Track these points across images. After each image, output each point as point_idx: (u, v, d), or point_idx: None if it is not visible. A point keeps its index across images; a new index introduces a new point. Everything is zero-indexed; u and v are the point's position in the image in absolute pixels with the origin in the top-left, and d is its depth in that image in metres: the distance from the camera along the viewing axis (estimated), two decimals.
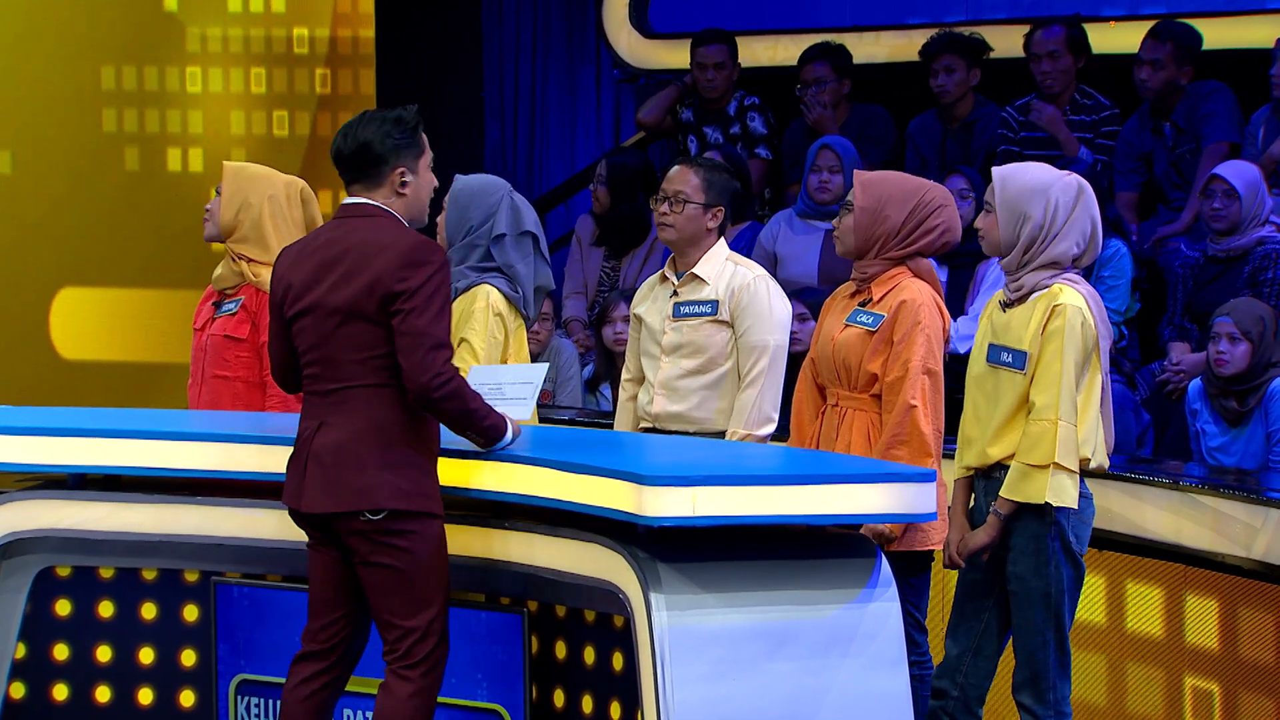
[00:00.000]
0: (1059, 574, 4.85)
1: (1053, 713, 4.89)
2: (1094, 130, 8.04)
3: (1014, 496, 4.83)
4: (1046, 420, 4.77)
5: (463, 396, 4.52)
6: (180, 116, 10.18)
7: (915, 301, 5.14)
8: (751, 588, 4.45)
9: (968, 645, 5.00)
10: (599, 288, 8.48)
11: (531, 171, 10.13)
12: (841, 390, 5.23)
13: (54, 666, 5.33)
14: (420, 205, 4.68)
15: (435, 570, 4.57)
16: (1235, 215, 6.96)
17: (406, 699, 4.56)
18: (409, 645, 4.56)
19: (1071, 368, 4.79)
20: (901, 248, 5.21)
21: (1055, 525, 4.83)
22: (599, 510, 4.51)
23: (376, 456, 4.53)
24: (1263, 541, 5.58)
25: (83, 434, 5.21)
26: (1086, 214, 4.89)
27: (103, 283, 10.15)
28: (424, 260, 4.50)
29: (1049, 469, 4.76)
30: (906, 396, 5.08)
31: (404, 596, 4.55)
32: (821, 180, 7.84)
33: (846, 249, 5.27)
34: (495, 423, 4.61)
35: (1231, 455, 6.50)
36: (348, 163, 4.63)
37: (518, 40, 10.16)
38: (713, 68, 8.84)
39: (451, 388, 4.48)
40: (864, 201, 5.20)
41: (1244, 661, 5.64)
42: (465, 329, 5.60)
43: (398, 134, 4.61)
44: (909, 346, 5.11)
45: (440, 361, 4.47)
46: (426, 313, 4.48)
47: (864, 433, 5.17)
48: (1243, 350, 6.43)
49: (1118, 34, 8.34)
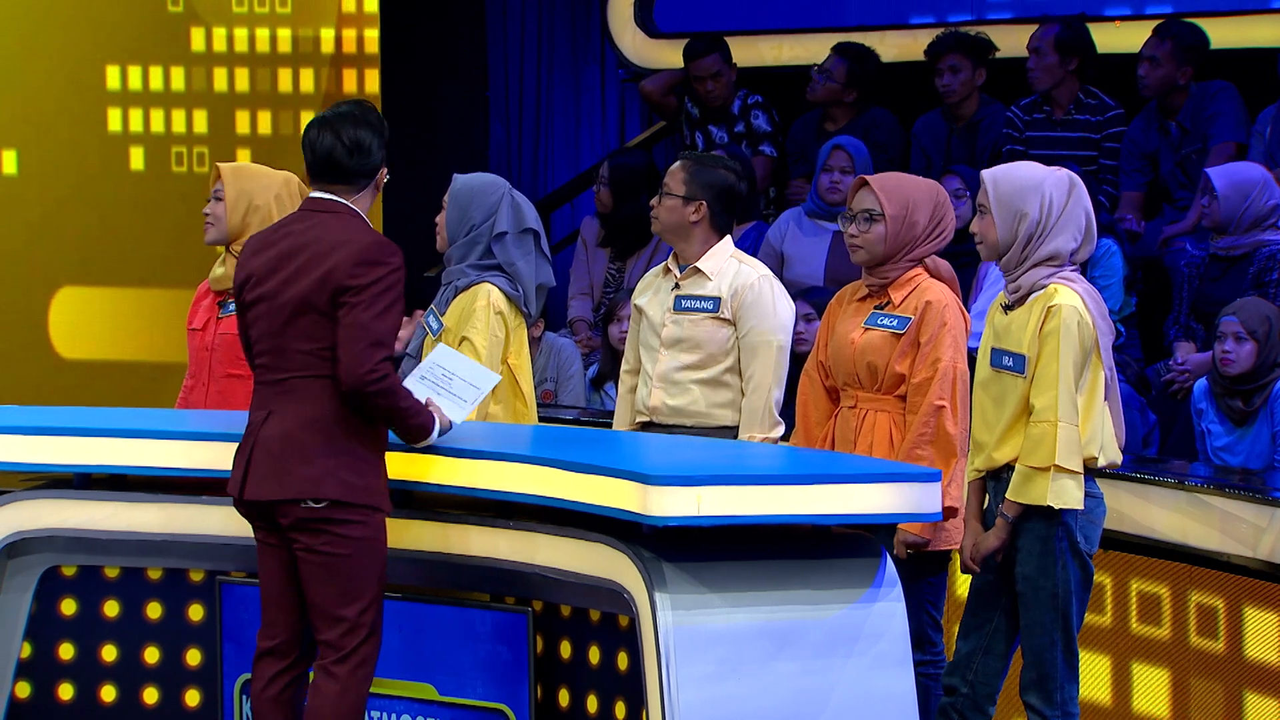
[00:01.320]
0: (1066, 575, 4.84)
1: (1060, 713, 4.89)
2: (1099, 130, 8.04)
3: (1018, 499, 4.83)
4: (1047, 422, 4.77)
5: (394, 394, 4.60)
6: (185, 117, 10.18)
7: (940, 303, 5.16)
8: (757, 587, 4.45)
9: (979, 644, 5.00)
10: (604, 289, 8.48)
11: (536, 171, 10.12)
12: (862, 392, 5.23)
13: (59, 666, 5.33)
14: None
15: (372, 564, 4.61)
16: (1216, 215, 6.96)
17: (335, 698, 4.58)
18: (338, 635, 4.58)
19: (1070, 368, 4.79)
20: (924, 248, 5.23)
21: (1062, 526, 4.83)
22: (604, 510, 4.50)
23: (323, 446, 4.59)
24: (1268, 541, 5.57)
25: (88, 433, 5.21)
26: (1080, 207, 4.90)
27: (109, 283, 10.15)
28: (379, 260, 4.56)
29: (1050, 471, 4.76)
30: (934, 397, 5.10)
31: (337, 586, 4.58)
32: (833, 180, 7.84)
33: (874, 257, 5.24)
34: (422, 423, 4.69)
35: (1237, 455, 6.49)
36: (334, 162, 4.66)
37: (522, 40, 10.15)
38: (710, 79, 8.83)
39: (385, 385, 4.56)
40: (894, 210, 5.20)
41: (1249, 661, 5.64)
42: (467, 327, 5.60)
43: (382, 138, 4.71)
44: (937, 347, 5.13)
45: (377, 358, 4.54)
46: (371, 309, 4.54)
47: (886, 433, 5.18)
48: (1248, 350, 6.42)
49: (1124, 34, 8.33)
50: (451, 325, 5.66)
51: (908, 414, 5.16)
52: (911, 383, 5.15)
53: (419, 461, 4.84)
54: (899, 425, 5.18)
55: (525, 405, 5.74)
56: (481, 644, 4.86)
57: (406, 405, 4.64)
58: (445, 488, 4.83)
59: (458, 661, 4.84)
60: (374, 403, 4.57)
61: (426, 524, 4.92)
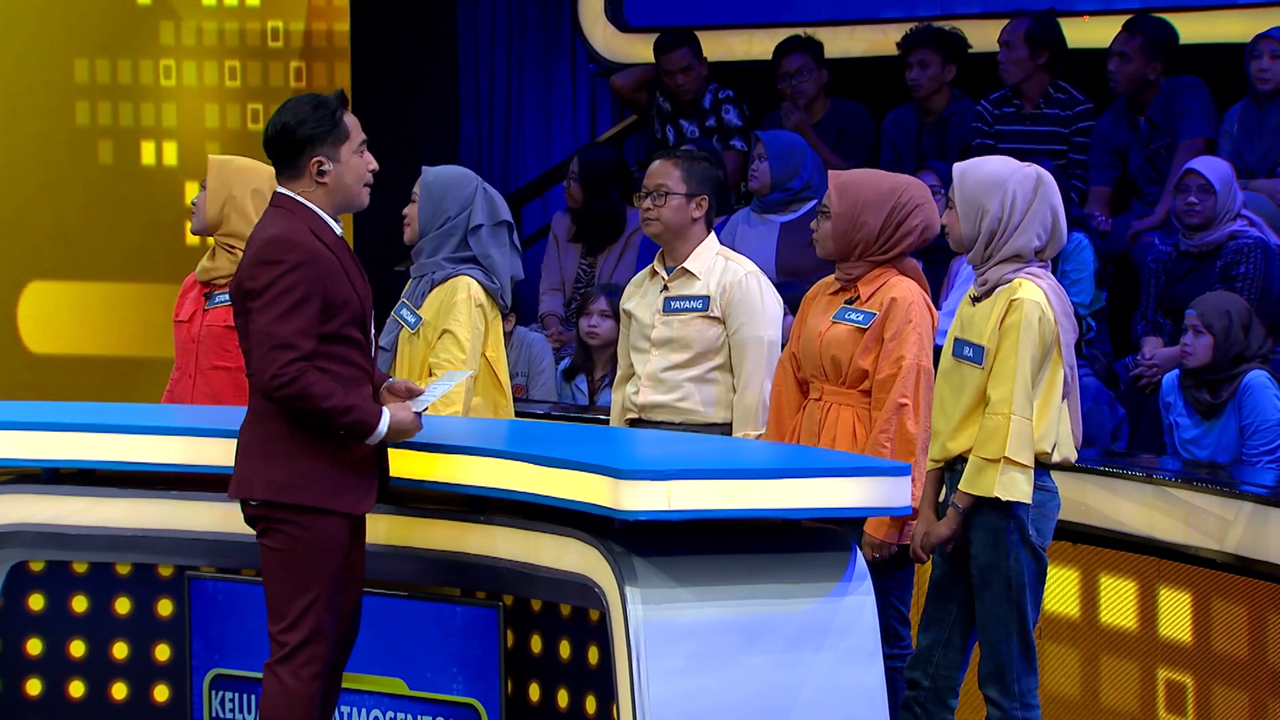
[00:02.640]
0: (1019, 567, 4.86)
1: (1019, 705, 4.91)
2: (1068, 125, 8.06)
3: (969, 490, 4.84)
4: (1001, 415, 4.79)
5: (309, 397, 4.46)
6: (154, 110, 10.14)
7: (906, 299, 5.16)
8: (727, 581, 4.45)
9: (938, 637, 5.01)
10: (575, 285, 8.48)
11: (507, 166, 10.12)
12: (828, 385, 5.24)
13: (27, 661, 5.31)
14: (348, 193, 4.63)
15: (311, 564, 4.55)
16: (1210, 210, 6.97)
17: (277, 698, 4.55)
18: (279, 631, 4.57)
19: (1028, 362, 4.79)
20: (883, 252, 5.21)
21: (1014, 519, 4.85)
22: (574, 504, 4.51)
23: (256, 446, 4.59)
24: (1235, 534, 5.59)
25: (56, 428, 5.19)
26: (1046, 205, 4.89)
27: (76, 277, 10.11)
28: (272, 259, 4.49)
29: (1000, 463, 4.78)
30: (897, 394, 5.10)
31: (277, 582, 4.57)
32: (752, 169, 7.86)
33: (827, 253, 5.27)
34: (354, 420, 4.52)
35: (1204, 448, 6.51)
36: (270, 150, 4.61)
37: (493, 34, 10.14)
38: (680, 73, 8.84)
39: (292, 389, 4.45)
40: (840, 207, 5.21)
41: (1217, 654, 5.66)
42: (449, 320, 5.60)
43: (314, 120, 4.56)
44: (901, 344, 5.13)
45: (281, 362, 4.45)
46: (269, 312, 4.47)
47: (849, 427, 5.18)
48: (1205, 343, 6.44)
49: (1094, 29, 8.35)
50: (430, 318, 5.65)
51: (872, 410, 5.16)
52: (875, 379, 5.16)
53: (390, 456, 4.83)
54: (862, 420, 5.18)
55: (504, 397, 5.75)
56: (452, 639, 4.86)
57: (330, 405, 4.48)
58: (416, 482, 4.83)
59: (429, 656, 4.84)
60: (290, 406, 4.48)
61: (397, 519, 4.91)
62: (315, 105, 4.58)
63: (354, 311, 4.56)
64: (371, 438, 4.56)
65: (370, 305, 4.65)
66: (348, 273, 4.57)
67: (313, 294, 4.48)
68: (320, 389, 4.48)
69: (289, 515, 4.54)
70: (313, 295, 4.48)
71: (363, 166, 4.63)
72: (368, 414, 4.55)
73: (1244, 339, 6.47)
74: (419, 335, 5.66)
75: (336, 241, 4.60)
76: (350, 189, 4.62)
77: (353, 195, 4.64)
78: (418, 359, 5.67)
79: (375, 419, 4.55)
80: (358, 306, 4.58)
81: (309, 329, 4.48)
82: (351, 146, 4.61)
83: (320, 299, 4.49)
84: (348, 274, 4.57)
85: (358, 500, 4.61)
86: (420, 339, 5.67)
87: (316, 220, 4.58)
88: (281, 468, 4.54)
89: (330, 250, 4.55)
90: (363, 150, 4.63)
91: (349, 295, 4.55)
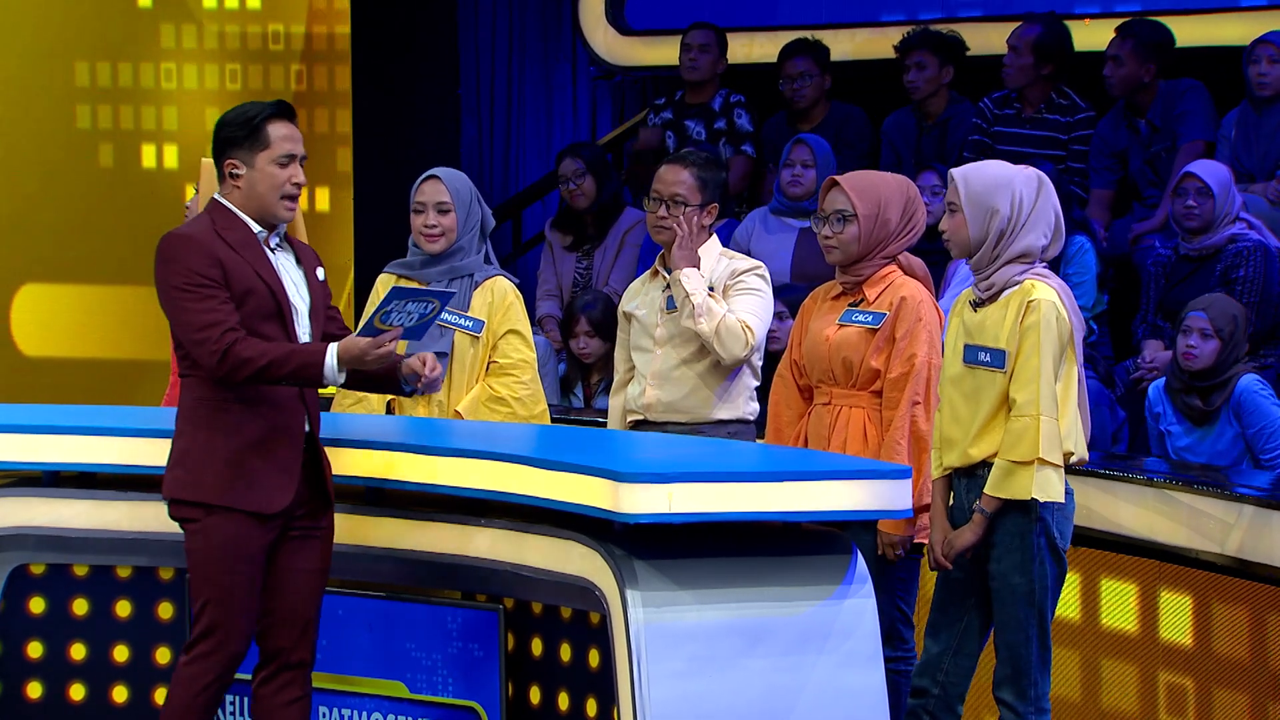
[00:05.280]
0: (1043, 571, 4.85)
1: (1033, 709, 4.90)
2: (1067, 131, 8.07)
3: (999, 493, 4.82)
4: (1028, 416, 4.78)
5: (249, 363, 4.47)
6: (155, 113, 10.15)
7: (915, 298, 5.18)
8: (727, 584, 4.45)
9: (949, 644, 4.99)
10: (573, 288, 8.51)
11: (508, 169, 10.12)
12: (837, 389, 5.25)
13: (28, 664, 5.31)
14: (261, 201, 4.59)
15: (207, 562, 4.56)
16: (1209, 213, 6.97)
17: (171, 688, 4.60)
18: (191, 624, 4.62)
19: (1050, 362, 4.80)
20: (896, 245, 5.25)
21: (1040, 522, 4.83)
22: (575, 507, 4.51)
23: (175, 446, 4.64)
24: (1236, 537, 5.60)
25: (57, 431, 5.20)
26: (1049, 204, 4.92)
27: (77, 280, 10.12)
28: (164, 258, 4.57)
29: (1034, 464, 4.77)
30: (910, 393, 5.12)
31: (192, 577, 4.63)
32: (794, 174, 7.87)
33: (848, 257, 5.25)
34: (300, 363, 4.50)
35: (1199, 455, 6.48)
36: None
37: (494, 37, 10.15)
38: (697, 49, 8.88)
39: (229, 362, 4.47)
40: (865, 209, 5.22)
41: (1218, 657, 5.66)
42: (511, 320, 5.65)
43: (235, 125, 4.58)
44: (913, 342, 5.15)
45: (210, 344, 4.48)
46: (178, 306, 4.53)
47: (860, 429, 5.19)
48: (1212, 347, 6.44)
49: (1094, 32, 8.35)
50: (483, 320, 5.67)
51: (884, 409, 5.17)
52: (887, 378, 5.17)
53: (390, 459, 4.84)
54: (873, 421, 5.19)
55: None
56: (453, 641, 4.86)
57: (269, 360, 4.48)
58: (416, 485, 4.83)
59: (429, 659, 4.84)
60: (240, 378, 4.50)
61: (397, 521, 4.91)
62: (242, 111, 4.61)
63: (261, 301, 4.55)
64: (325, 373, 4.53)
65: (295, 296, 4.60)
66: (253, 264, 4.55)
67: (207, 283, 4.51)
68: (250, 351, 4.49)
69: (193, 513, 4.59)
70: (208, 284, 4.51)
71: (281, 178, 4.58)
72: (308, 353, 4.53)
73: (1243, 344, 6.48)
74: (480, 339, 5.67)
75: (244, 239, 4.58)
76: (264, 198, 4.59)
77: (267, 204, 4.60)
78: (480, 360, 5.67)
79: (319, 354, 4.53)
80: (266, 296, 4.56)
81: (223, 307, 4.50)
82: (271, 156, 4.57)
83: (221, 285, 4.52)
84: (253, 265, 4.55)
85: (265, 498, 4.56)
86: (481, 342, 5.67)
87: (229, 219, 4.59)
88: (184, 465, 4.60)
89: (231, 247, 4.54)
90: (288, 163, 4.58)
91: (254, 284, 4.55)
